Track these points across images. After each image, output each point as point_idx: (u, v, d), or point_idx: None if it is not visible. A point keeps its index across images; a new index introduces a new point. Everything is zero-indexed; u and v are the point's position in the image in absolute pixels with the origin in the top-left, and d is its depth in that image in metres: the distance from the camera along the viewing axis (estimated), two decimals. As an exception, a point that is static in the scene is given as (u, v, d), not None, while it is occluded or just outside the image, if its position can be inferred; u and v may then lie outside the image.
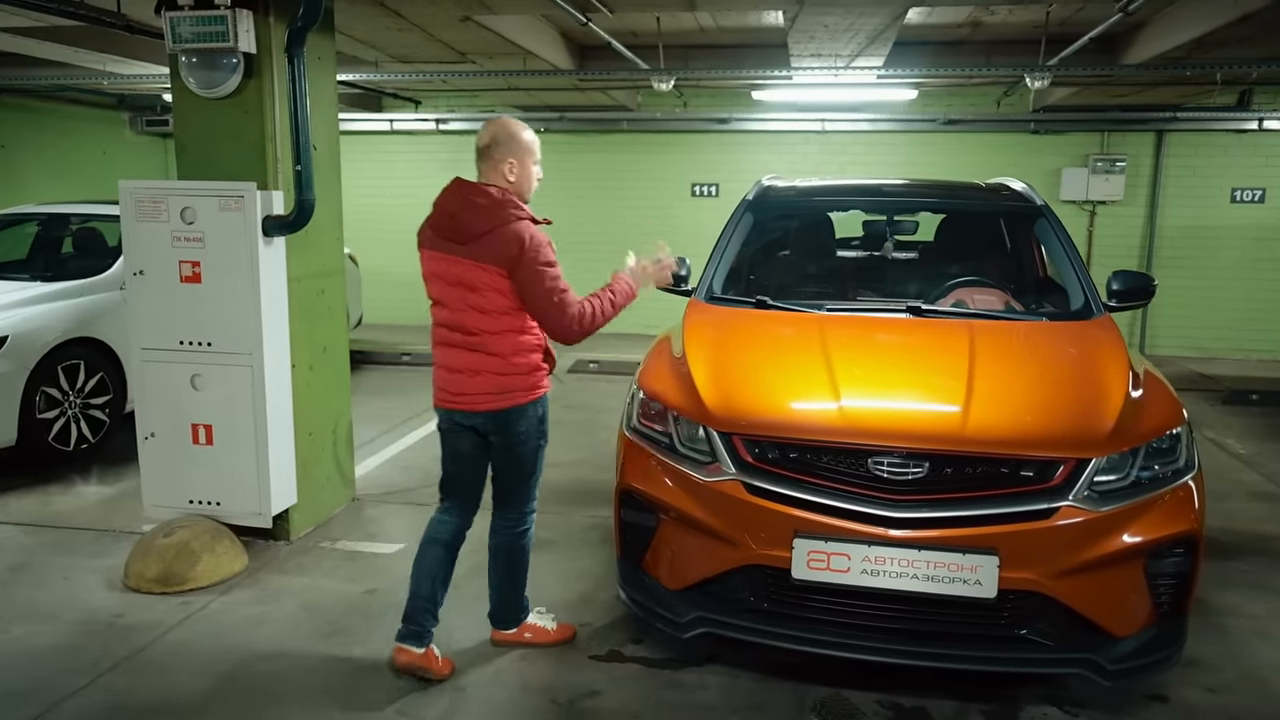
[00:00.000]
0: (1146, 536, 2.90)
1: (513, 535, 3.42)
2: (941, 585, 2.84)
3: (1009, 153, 10.55)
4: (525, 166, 3.16)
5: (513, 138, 3.13)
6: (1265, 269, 10.26)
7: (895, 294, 4.42)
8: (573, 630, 3.59)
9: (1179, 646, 3.04)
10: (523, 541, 3.44)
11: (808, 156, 10.88)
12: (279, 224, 4.24)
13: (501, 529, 3.43)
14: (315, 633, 3.65)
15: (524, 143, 3.14)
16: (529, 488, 3.39)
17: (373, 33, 6.86)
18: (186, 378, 4.29)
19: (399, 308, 11.68)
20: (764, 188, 4.88)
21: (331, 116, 4.82)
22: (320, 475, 4.81)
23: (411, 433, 6.70)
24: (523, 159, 3.14)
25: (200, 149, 4.38)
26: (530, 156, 3.17)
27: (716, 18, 7.48)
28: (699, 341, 3.68)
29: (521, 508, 3.40)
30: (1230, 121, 10.01)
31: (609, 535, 4.52)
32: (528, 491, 3.39)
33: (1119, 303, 4.12)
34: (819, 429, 3.06)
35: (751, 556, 3.03)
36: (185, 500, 4.39)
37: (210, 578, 4.03)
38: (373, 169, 11.56)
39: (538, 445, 3.30)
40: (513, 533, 3.42)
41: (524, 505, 3.40)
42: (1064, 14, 7.08)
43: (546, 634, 3.54)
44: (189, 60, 4.25)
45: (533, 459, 3.32)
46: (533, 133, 3.20)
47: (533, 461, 3.32)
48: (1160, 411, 3.17)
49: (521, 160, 3.14)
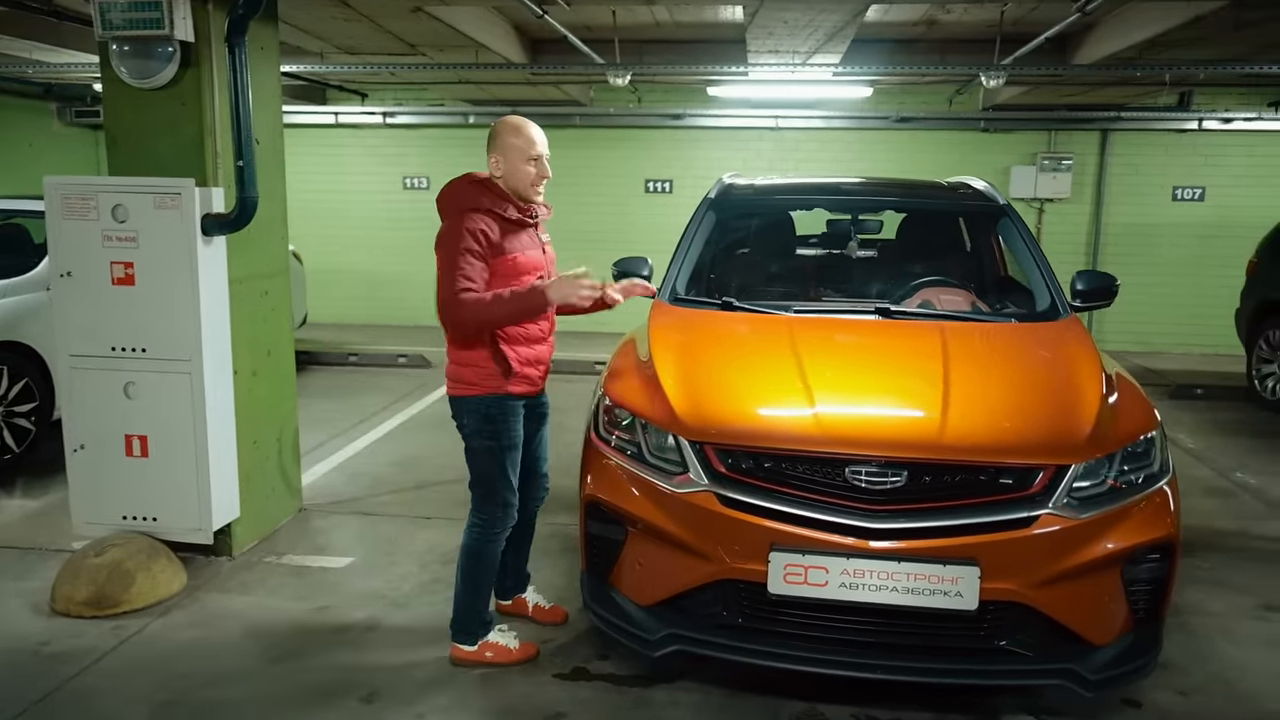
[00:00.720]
0: (1125, 543, 2.85)
1: (465, 532, 3.34)
2: (922, 598, 2.76)
3: (960, 151, 10.65)
4: (510, 163, 3.19)
5: (498, 135, 3.21)
6: (1206, 266, 10.49)
7: (861, 294, 4.35)
8: (535, 649, 3.44)
9: (1156, 653, 3.00)
10: (468, 542, 3.31)
11: (762, 153, 10.85)
12: (219, 222, 4.02)
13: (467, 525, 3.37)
14: (262, 656, 3.45)
15: (507, 141, 3.19)
16: (477, 487, 3.29)
17: (318, 22, 6.60)
18: (119, 386, 4.04)
19: (345, 306, 11.41)
20: (726, 186, 4.77)
21: (275, 109, 4.59)
22: (265, 486, 4.58)
23: (361, 437, 6.47)
24: (507, 155, 3.19)
25: (134, 143, 4.12)
26: (516, 154, 3.18)
27: (674, 13, 7.37)
28: (666, 345, 3.55)
29: (475, 506, 3.31)
30: (1171, 121, 10.22)
31: (570, 544, 4.41)
32: (477, 492, 3.29)
33: (1083, 303, 4.10)
34: (794, 437, 2.96)
35: (725, 570, 2.92)
36: (118, 516, 4.14)
37: (146, 599, 3.80)
38: (317, 163, 11.24)
39: (487, 446, 3.22)
40: (466, 531, 3.34)
41: (474, 505, 3.31)
42: (1018, 14, 7.11)
43: (509, 653, 3.38)
44: (121, 48, 3.99)
45: (478, 459, 3.24)
46: (530, 132, 3.20)
47: (478, 462, 3.25)
48: (1135, 415, 3.12)
49: (506, 156, 3.19)
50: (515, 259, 3.16)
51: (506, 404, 3.21)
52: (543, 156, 3.21)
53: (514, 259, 3.15)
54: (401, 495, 5.30)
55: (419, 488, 5.43)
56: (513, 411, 3.25)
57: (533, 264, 3.23)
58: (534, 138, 3.19)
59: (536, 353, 3.29)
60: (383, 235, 11.32)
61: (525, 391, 3.27)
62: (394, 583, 4.09)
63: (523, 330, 3.21)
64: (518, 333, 3.20)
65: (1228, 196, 10.42)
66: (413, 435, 6.58)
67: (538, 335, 3.28)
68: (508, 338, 3.18)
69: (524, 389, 3.26)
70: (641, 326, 3.91)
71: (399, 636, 3.61)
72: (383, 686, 3.24)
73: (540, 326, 3.28)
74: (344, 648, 3.52)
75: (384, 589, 4.03)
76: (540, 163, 3.20)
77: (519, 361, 3.20)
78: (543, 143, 3.23)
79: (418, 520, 4.87)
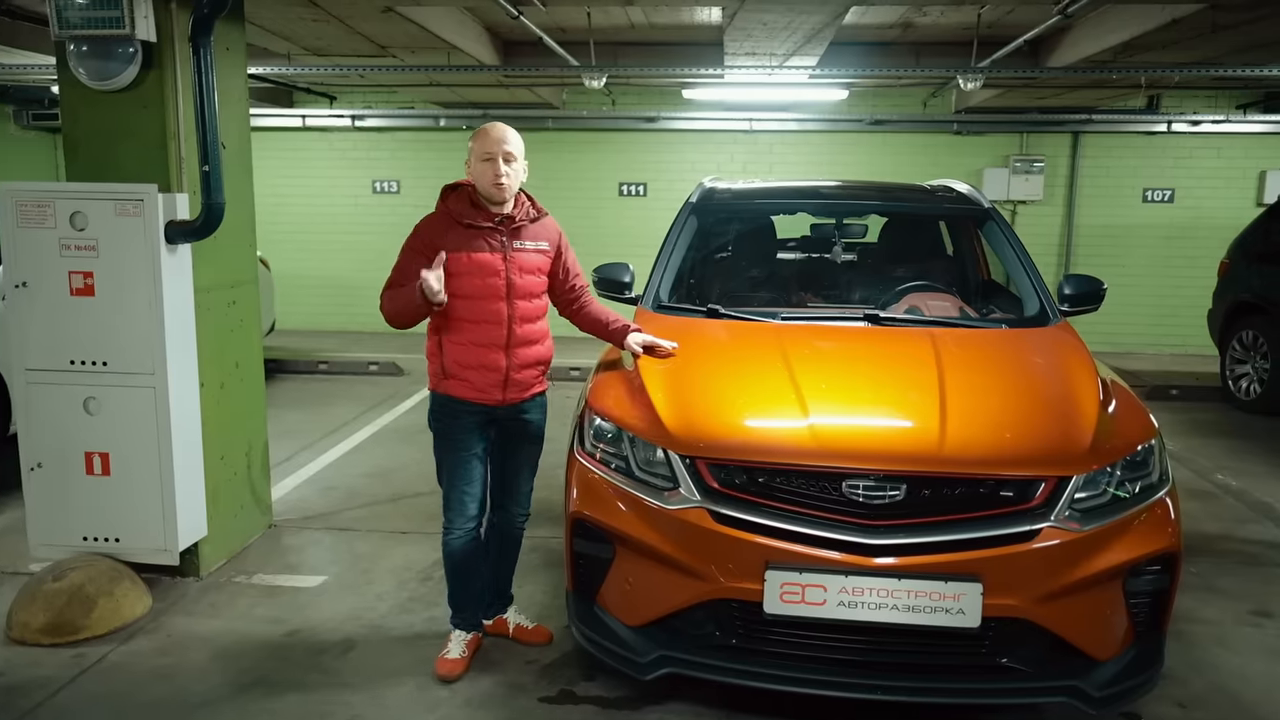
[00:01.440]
0: (1127, 555, 2.78)
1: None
2: (923, 615, 2.67)
3: (933, 153, 10.66)
4: (473, 164, 3.20)
5: (471, 138, 3.21)
6: (1175, 266, 10.58)
7: (847, 300, 4.28)
8: (456, 672, 3.31)
9: (1159, 666, 2.93)
10: (442, 543, 3.37)
11: (735, 156, 10.79)
12: (184, 230, 3.85)
13: None
14: (232, 683, 3.29)
15: (470, 146, 3.19)
16: (442, 486, 3.35)
17: (286, 23, 6.42)
18: (79, 401, 3.86)
19: (315, 312, 11.18)
20: (707, 190, 4.67)
21: (242, 112, 4.42)
22: (233, 503, 4.41)
23: (333, 449, 6.30)
24: (470, 158, 3.20)
25: (93, 147, 3.95)
26: (474, 155, 3.18)
27: (650, 14, 7.27)
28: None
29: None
30: (1141, 124, 10.30)
31: (551, 559, 4.28)
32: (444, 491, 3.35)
33: (1071, 307, 4.04)
34: (790, 451, 2.86)
35: (719, 589, 2.81)
36: (78, 537, 3.95)
37: (108, 625, 3.62)
38: (285, 167, 11.01)
39: (435, 443, 3.35)
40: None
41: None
42: (993, 17, 7.10)
43: (440, 654, 3.40)
44: (79, 48, 3.82)
45: (436, 451, 3.35)
46: (490, 133, 3.17)
47: (436, 453, 3.35)
48: (1133, 424, 3.06)
49: (470, 160, 3.21)
50: (455, 257, 3.13)
51: (449, 404, 3.25)
52: (498, 155, 3.12)
53: (455, 258, 3.13)
54: (376, 509, 5.14)
55: (394, 500, 5.28)
56: (454, 414, 3.25)
57: (477, 265, 3.15)
58: (492, 137, 3.14)
59: (477, 357, 3.19)
60: (353, 239, 11.11)
61: (470, 397, 3.21)
62: (370, 602, 3.95)
63: (459, 333, 3.19)
64: (454, 335, 3.20)
65: (1196, 198, 10.51)
66: (386, 446, 6.41)
67: (480, 339, 3.18)
68: (444, 338, 3.23)
69: (467, 394, 3.21)
70: (625, 335, 3.80)
71: (376, 659, 3.47)
72: (360, 713, 3.10)
73: (485, 332, 3.18)
74: (318, 672, 3.37)
75: (360, 609, 3.88)
76: (495, 160, 3.12)
77: (453, 363, 3.21)
78: (504, 141, 3.14)
79: (394, 535, 4.72)
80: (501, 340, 3.20)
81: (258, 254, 4.80)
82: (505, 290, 3.19)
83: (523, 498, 3.50)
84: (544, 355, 3.35)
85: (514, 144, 3.17)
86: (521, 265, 3.24)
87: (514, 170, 3.17)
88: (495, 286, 3.18)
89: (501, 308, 3.19)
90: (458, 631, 3.43)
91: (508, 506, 3.48)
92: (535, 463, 3.50)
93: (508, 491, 3.46)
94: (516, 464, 3.44)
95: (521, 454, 3.43)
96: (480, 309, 3.18)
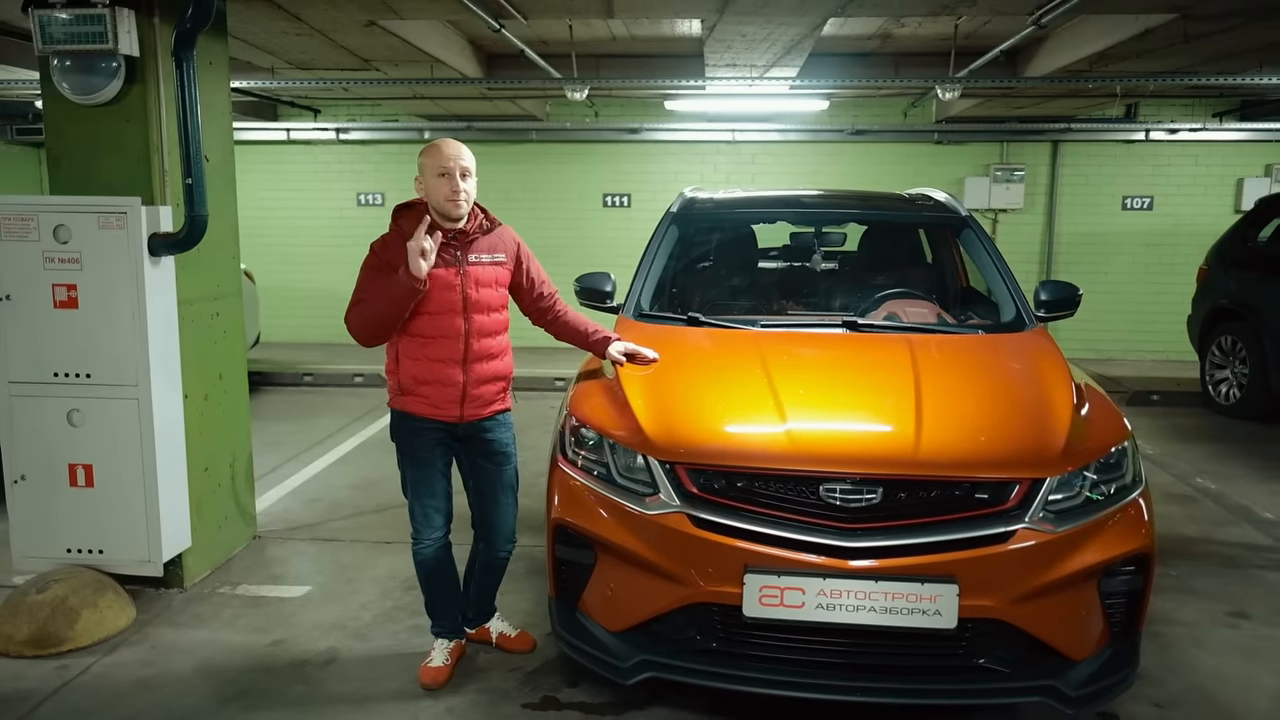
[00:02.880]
0: (1102, 556, 2.83)
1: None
2: (900, 617, 2.71)
3: (914, 162, 10.74)
4: (426, 180, 3.18)
5: (419, 158, 3.20)
6: (1155, 273, 10.68)
7: (826, 307, 4.32)
8: (440, 680, 3.32)
9: (1135, 666, 2.98)
10: (412, 554, 3.39)
11: (718, 167, 10.85)
12: (167, 242, 3.87)
13: None
14: (215, 694, 3.29)
15: (422, 161, 3.18)
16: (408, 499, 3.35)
17: (269, 37, 6.45)
18: (62, 413, 3.86)
19: (299, 325, 11.17)
20: (688, 199, 4.72)
21: (225, 125, 4.45)
22: (217, 514, 4.42)
23: (317, 460, 6.30)
24: (423, 174, 3.18)
25: (77, 161, 3.96)
26: (428, 171, 3.16)
27: (630, 27, 7.34)
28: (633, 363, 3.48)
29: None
30: (1120, 132, 10.41)
31: (534, 567, 4.30)
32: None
33: (1047, 313, 4.09)
34: (768, 455, 2.90)
35: (699, 594, 2.84)
36: (62, 549, 3.95)
37: (92, 636, 3.62)
38: (269, 180, 11.02)
39: (398, 456, 3.32)
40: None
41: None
42: (971, 28, 7.20)
43: (424, 662, 3.41)
44: (62, 63, 3.84)
45: (399, 465, 3.33)
46: (442, 149, 3.16)
47: (400, 469, 3.33)
48: (1107, 427, 3.11)
49: (422, 175, 3.19)
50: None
51: (407, 421, 3.25)
52: (453, 170, 3.10)
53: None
54: (361, 520, 5.15)
55: (378, 511, 5.29)
56: (413, 430, 3.25)
57: (432, 280, 3.09)
58: (446, 153, 3.13)
59: (434, 372, 3.17)
60: (338, 252, 11.10)
61: (427, 413, 3.20)
62: (354, 612, 3.96)
63: (416, 348, 3.18)
64: (410, 350, 3.19)
65: (1175, 205, 10.63)
66: (371, 457, 6.42)
67: (436, 355, 3.16)
68: (400, 354, 3.22)
69: (424, 410, 3.20)
70: (607, 344, 3.83)
71: (360, 669, 3.48)
72: (344, 723, 3.12)
73: (441, 347, 3.16)
74: (302, 682, 3.38)
75: (344, 619, 3.89)
76: (450, 177, 3.10)
77: (410, 378, 3.21)
78: (457, 158, 3.12)
79: (378, 545, 4.73)
80: (458, 355, 3.18)
81: (242, 267, 4.81)
82: (461, 305, 3.16)
83: (505, 529, 3.44)
84: (503, 371, 3.31)
85: (468, 159, 3.16)
86: (478, 279, 3.21)
87: (469, 186, 3.16)
88: (451, 301, 3.16)
89: (458, 322, 3.16)
90: (440, 640, 3.44)
91: (491, 539, 3.44)
92: (512, 487, 3.42)
93: (489, 524, 3.41)
94: (491, 492, 3.38)
95: (491, 478, 3.36)
96: (436, 324, 3.15)
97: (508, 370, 3.35)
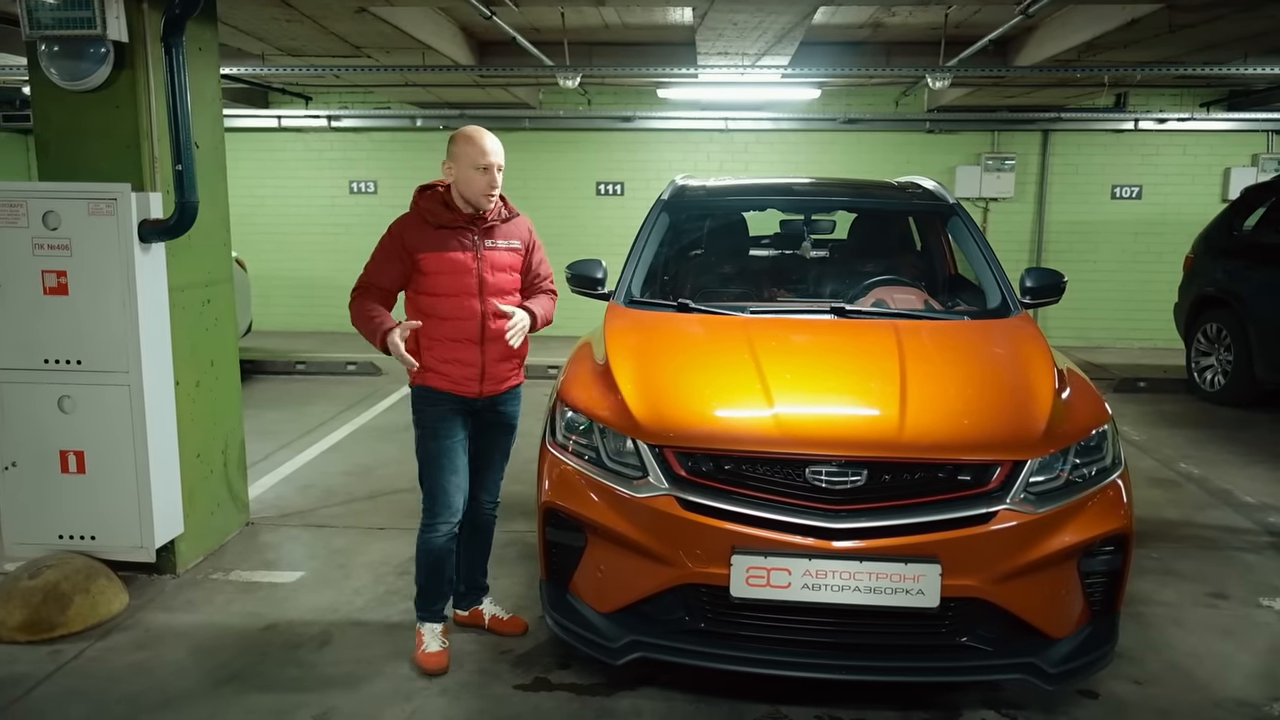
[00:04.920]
0: (1081, 536, 2.88)
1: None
2: (884, 597, 2.75)
3: (906, 151, 10.78)
4: (460, 169, 3.24)
5: (453, 142, 3.27)
6: (1143, 261, 10.76)
7: (815, 294, 4.36)
8: (442, 666, 3.34)
9: (1113, 644, 3.03)
10: (420, 540, 3.41)
11: (711, 155, 10.87)
12: (158, 229, 3.88)
13: None
14: (208, 679, 3.32)
15: (459, 149, 3.24)
16: (424, 484, 3.40)
17: (259, 23, 6.44)
18: (53, 400, 3.88)
19: (292, 313, 11.17)
20: (679, 187, 4.75)
21: (215, 112, 4.45)
22: (210, 500, 4.44)
23: (310, 448, 6.32)
24: (458, 161, 3.24)
25: (65, 147, 3.97)
26: (466, 161, 3.22)
27: (623, 14, 7.34)
28: (622, 348, 3.51)
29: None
30: (1109, 122, 10.47)
31: (527, 552, 4.34)
32: (420, 484, 3.41)
33: (1033, 299, 4.13)
34: (754, 439, 2.94)
35: (687, 575, 2.88)
36: (54, 535, 3.97)
37: (85, 621, 3.64)
38: (261, 168, 11.00)
39: (417, 435, 3.39)
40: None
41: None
42: (961, 16, 7.22)
43: (420, 649, 3.41)
44: (50, 49, 3.84)
45: (418, 446, 3.39)
46: (483, 142, 3.23)
47: (418, 449, 3.39)
48: (1087, 410, 3.16)
49: (457, 163, 3.24)
50: (427, 257, 3.23)
51: (428, 394, 3.34)
52: (493, 166, 3.23)
53: (429, 258, 3.23)
54: (353, 506, 5.18)
55: (371, 498, 5.32)
56: (434, 402, 3.33)
57: (449, 264, 3.24)
58: (486, 147, 3.22)
59: (453, 352, 3.29)
60: (330, 240, 11.11)
61: (448, 388, 3.31)
62: (347, 597, 3.99)
63: (436, 329, 3.28)
64: (430, 331, 3.28)
65: (1163, 194, 10.70)
66: (364, 444, 6.44)
67: (455, 335, 3.28)
68: (421, 334, 3.30)
69: (445, 385, 3.31)
70: (597, 330, 3.87)
71: (353, 652, 3.51)
72: (336, 705, 3.15)
73: (460, 328, 3.27)
74: (295, 666, 3.41)
75: (337, 603, 3.92)
76: (490, 172, 3.22)
77: (431, 357, 3.30)
78: (496, 153, 3.25)
79: (371, 531, 4.76)
80: (476, 335, 3.29)
81: (234, 255, 4.83)
82: (478, 287, 3.28)
83: (492, 485, 3.57)
84: (519, 350, 3.41)
85: (502, 155, 3.29)
86: (494, 263, 3.32)
87: (500, 179, 3.28)
88: (468, 284, 3.27)
89: (475, 304, 3.27)
90: (429, 625, 3.44)
91: (477, 494, 3.54)
92: (507, 452, 3.57)
93: (478, 480, 3.52)
94: (489, 453, 3.51)
95: (494, 444, 3.51)
96: (454, 306, 3.27)
97: (524, 349, 3.45)
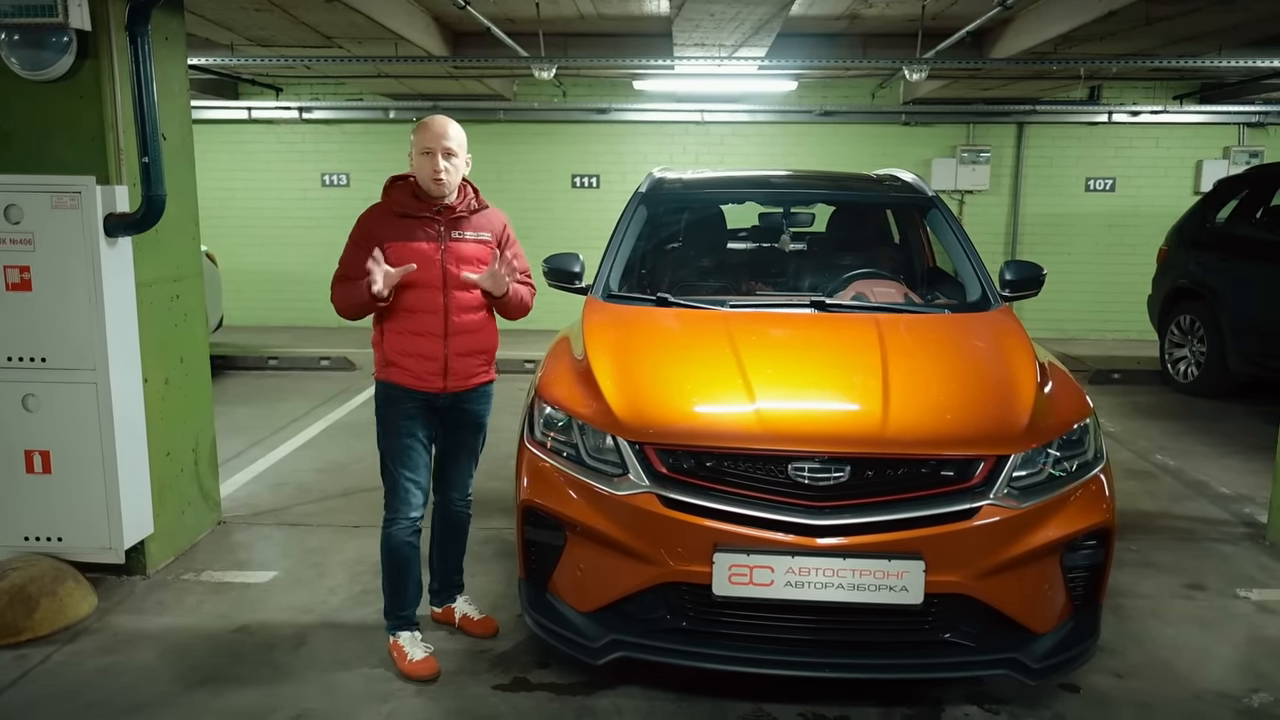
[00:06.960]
0: (1064, 530, 2.87)
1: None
2: (868, 594, 2.73)
3: (882, 143, 10.79)
4: (414, 156, 3.21)
5: (412, 130, 3.23)
6: (1117, 254, 10.85)
7: (795, 288, 4.33)
8: (432, 672, 3.25)
9: (1095, 638, 3.03)
10: (382, 537, 3.36)
11: (687, 148, 10.83)
12: (124, 223, 3.78)
13: None
14: (180, 681, 3.25)
15: (411, 138, 3.22)
16: (385, 480, 3.35)
17: (228, 12, 6.32)
18: (17, 398, 3.78)
19: (264, 308, 11.02)
20: (656, 180, 4.70)
21: (183, 103, 4.35)
22: (180, 499, 4.35)
23: (283, 444, 6.23)
24: (412, 151, 3.22)
25: (27, 139, 3.85)
26: (414, 148, 3.20)
27: (598, 5, 7.28)
28: (601, 344, 3.46)
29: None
30: (1083, 114, 10.53)
31: (504, 549, 4.29)
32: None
33: (1012, 292, 4.11)
34: (736, 435, 2.90)
35: (669, 573, 2.85)
36: (19, 537, 3.87)
37: (51, 625, 3.55)
38: (231, 160, 10.83)
39: (378, 431, 3.34)
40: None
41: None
42: (937, 9, 7.22)
43: (404, 660, 3.29)
44: (10, 37, 3.72)
45: (379, 442, 3.34)
46: (430, 127, 3.18)
47: (378, 444, 3.35)
48: (1069, 404, 3.16)
49: (411, 153, 3.22)
50: (392, 247, 3.17)
51: (390, 390, 3.29)
52: (437, 150, 3.13)
53: (394, 248, 3.17)
54: (327, 504, 5.10)
55: (346, 495, 5.24)
56: (395, 399, 3.28)
57: (411, 255, 3.16)
58: (432, 131, 3.15)
59: (416, 346, 3.22)
60: (302, 233, 10.97)
61: (410, 384, 3.25)
62: (322, 596, 3.92)
63: (399, 321, 3.23)
64: (393, 323, 3.24)
65: (1137, 186, 10.79)
66: (338, 440, 6.36)
67: (418, 328, 3.22)
68: (385, 327, 3.27)
69: (408, 381, 3.25)
70: (575, 324, 3.82)
71: (328, 653, 3.45)
72: (311, 707, 3.09)
73: (422, 321, 3.21)
74: (270, 667, 3.35)
75: (311, 603, 3.85)
76: (433, 156, 3.13)
77: (394, 351, 3.25)
78: (443, 137, 3.14)
79: (346, 529, 4.69)
80: (439, 330, 3.22)
81: (204, 249, 4.73)
82: (441, 280, 3.21)
83: (461, 484, 3.50)
84: (485, 345, 3.34)
85: (454, 138, 3.17)
86: (459, 255, 3.23)
87: (454, 165, 3.18)
88: (431, 277, 3.19)
89: (438, 297, 3.20)
90: (405, 633, 3.35)
91: (446, 493, 3.48)
92: (475, 451, 3.49)
93: (447, 479, 3.47)
94: (455, 453, 3.44)
95: (461, 443, 3.43)
96: (417, 299, 3.20)
97: (490, 344, 3.38)
